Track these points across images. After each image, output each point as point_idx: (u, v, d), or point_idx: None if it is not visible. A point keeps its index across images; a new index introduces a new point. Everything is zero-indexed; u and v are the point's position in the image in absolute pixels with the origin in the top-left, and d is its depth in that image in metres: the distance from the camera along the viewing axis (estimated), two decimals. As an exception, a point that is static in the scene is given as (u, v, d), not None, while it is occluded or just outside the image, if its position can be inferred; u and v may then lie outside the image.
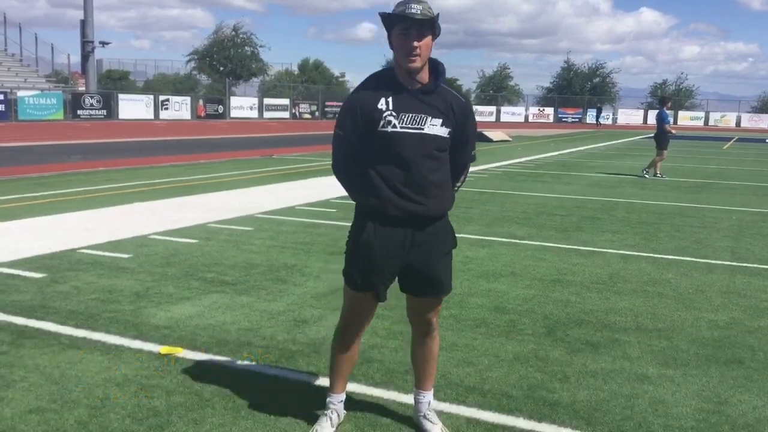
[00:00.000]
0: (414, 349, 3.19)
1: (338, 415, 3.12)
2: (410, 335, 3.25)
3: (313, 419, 3.17)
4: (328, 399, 3.13)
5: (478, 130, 22.10)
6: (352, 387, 3.53)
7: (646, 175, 15.21)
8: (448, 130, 2.86)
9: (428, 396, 3.18)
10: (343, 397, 3.16)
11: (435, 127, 2.82)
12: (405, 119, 2.80)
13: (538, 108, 65.13)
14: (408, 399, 3.42)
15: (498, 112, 62.32)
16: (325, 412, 3.11)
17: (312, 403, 3.34)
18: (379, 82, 2.87)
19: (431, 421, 3.10)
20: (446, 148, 2.90)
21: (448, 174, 2.99)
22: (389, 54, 2.88)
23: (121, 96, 39.57)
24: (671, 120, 15.18)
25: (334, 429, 3.08)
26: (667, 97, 16.30)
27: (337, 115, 2.95)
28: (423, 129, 2.81)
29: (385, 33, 2.83)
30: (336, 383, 3.14)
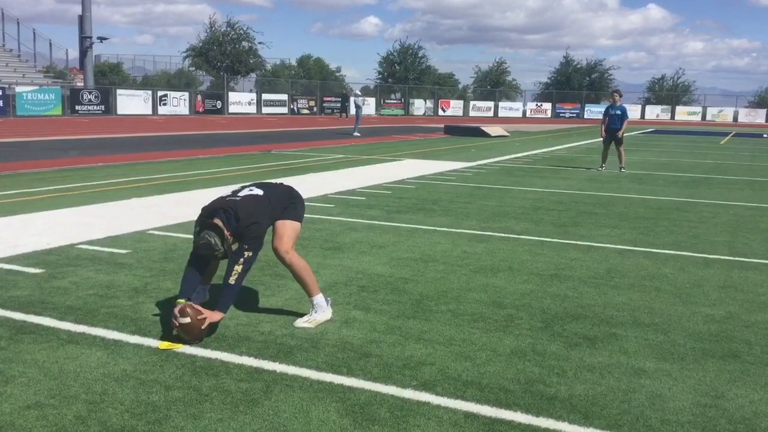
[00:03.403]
0: None
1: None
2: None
3: (311, 415, 3.19)
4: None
5: (477, 125, 22.28)
6: (351, 381, 3.55)
7: (623, 170, 15.24)
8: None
9: (314, 299, 4.48)
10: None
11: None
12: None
13: (536, 103, 65.13)
14: (407, 394, 3.44)
15: (496, 107, 62.34)
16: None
17: (311, 398, 3.35)
18: None
19: (314, 311, 4.47)
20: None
21: None
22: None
23: (119, 91, 39.55)
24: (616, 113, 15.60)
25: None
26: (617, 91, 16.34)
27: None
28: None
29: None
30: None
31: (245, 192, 4.50)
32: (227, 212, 4.22)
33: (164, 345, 3.99)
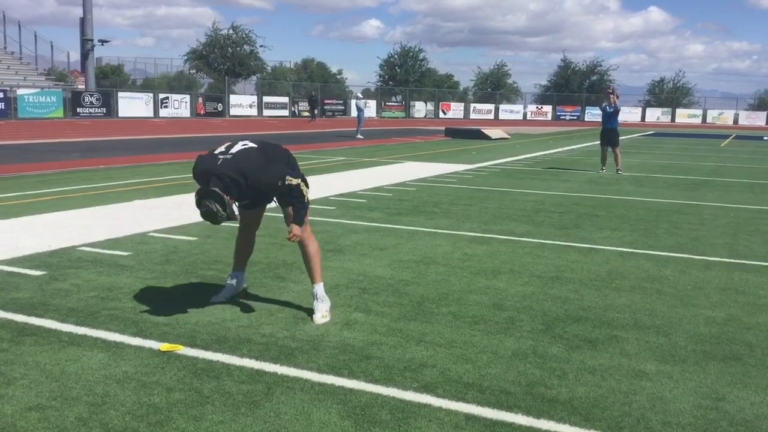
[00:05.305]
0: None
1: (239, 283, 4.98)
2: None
3: (312, 417, 3.19)
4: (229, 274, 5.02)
5: (478, 128, 22.28)
6: (352, 383, 3.55)
7: (620, 172, 15.25)
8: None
9: (315, 287, 4.63)
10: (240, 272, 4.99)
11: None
12: None
13: (536, 106, 65.15)
14: (408, 396, 3.44)
15: (496, 110, 62.34)
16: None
17: (312, 400, 3.36)
18: None
19: (319, 302, 4.61)
20: None
21: None
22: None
23: (120, 94, 39.60)
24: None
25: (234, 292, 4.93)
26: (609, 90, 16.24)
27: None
28: None
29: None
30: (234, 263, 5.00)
31: (239, 147, 4.39)
32: (221, 178, 4.15)
33: (165, 347, 3.99)
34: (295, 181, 4.39)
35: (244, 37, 61.33)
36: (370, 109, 55.31)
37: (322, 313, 4.58)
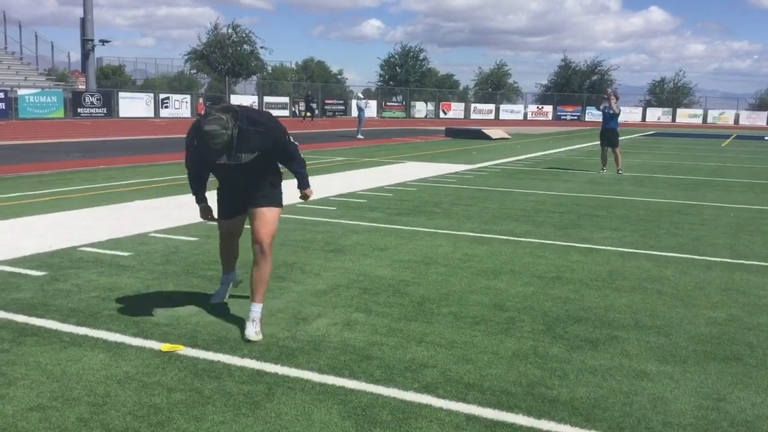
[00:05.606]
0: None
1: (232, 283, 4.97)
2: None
3: (313, 418, 3.20)
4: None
5: (478, 128, 22.22)
6: (353, 384, 3.55)
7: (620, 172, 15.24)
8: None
9: (259, 307, 4.33)
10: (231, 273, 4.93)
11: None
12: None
13: (537, 106, 65.13)
14: (409, 396, 3.44)
15: (497, 110, 62.31)
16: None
17: (312, 401, 3.36)
18: None
19: (256, 323, 4.24)
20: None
21: None
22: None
23: (121, 94, 39.60)
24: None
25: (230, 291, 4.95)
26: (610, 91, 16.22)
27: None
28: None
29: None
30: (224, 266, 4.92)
31: None
32: (236, 111, 4.06)
33: (166, 347, 4.00)
34: (294, 141, 4.59)
35: (244, 37, 61.34)
36: (371, 109, 55.25)
37: (257, 329, 4.22)
